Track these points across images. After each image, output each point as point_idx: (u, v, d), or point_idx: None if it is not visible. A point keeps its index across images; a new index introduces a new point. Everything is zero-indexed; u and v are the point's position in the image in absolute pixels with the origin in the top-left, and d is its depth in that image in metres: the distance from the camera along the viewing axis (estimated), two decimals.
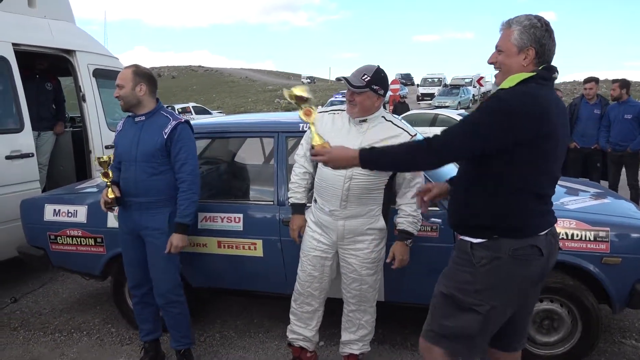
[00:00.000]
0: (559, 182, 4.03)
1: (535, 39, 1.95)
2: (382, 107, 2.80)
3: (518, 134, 1.87)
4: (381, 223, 2.79)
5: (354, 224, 2.75)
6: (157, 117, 2.93)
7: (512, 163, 1.93)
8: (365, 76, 2.65)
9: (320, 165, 2.75)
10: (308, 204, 2.98)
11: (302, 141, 2.98)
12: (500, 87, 2.01)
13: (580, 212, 3.05)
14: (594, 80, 6.63)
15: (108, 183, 2.90)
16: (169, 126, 2.88)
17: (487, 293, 1.99)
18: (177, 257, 3.01)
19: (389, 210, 2.84)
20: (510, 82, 1.96)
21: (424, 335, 2.15)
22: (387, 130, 2.72)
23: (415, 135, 2.76)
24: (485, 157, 1.95)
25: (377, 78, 2.66)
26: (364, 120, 2.73)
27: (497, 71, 2.06)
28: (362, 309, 2.92)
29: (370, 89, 2.65)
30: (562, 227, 2.89)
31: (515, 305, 2.06)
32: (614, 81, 6.49)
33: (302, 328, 3.00)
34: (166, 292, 2.98)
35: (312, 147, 2.31)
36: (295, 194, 2.96)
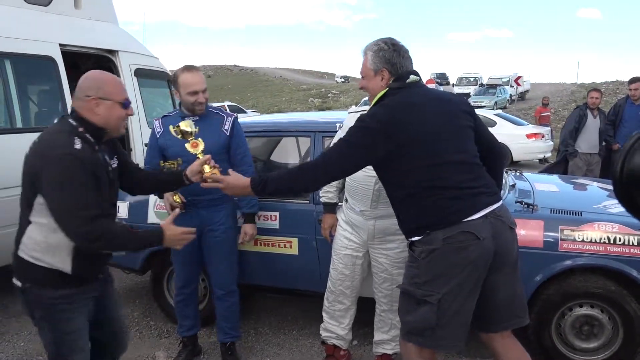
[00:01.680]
0: (601, 185, 3.97)
1: (385, 60, 2.22)
2: None
3: (383, 145, 2.08)
4: None
5: (385, 223, 2.76)
6: (209, 115, 2.97)
7: (399, 169, 2.12)
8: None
9: None
10: (340, 203, 3.00)
11: (336, 138, 2.98)
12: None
13: (623, 216, 2.96)
14: None
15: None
16: (228, 123, 2.98)
17: (433, 283, 2.09)
18: (237, 250, 3.13)
19: None
20: (374, 102, 2.23)
21: (400, 334, 2.27)
22: None
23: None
24: (380, 170, 2.22)
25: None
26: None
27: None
28: (394, 309, 2.91)
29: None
30: (605, 231, 2.83)
31: (468, 289, 2.09)
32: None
33: (335, 326, 3.02)
34: (228, 283, 3.09)
35: (203, 174, 2.38)
36: (327, 193, 3.00)
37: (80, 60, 5.53)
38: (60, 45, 4.61)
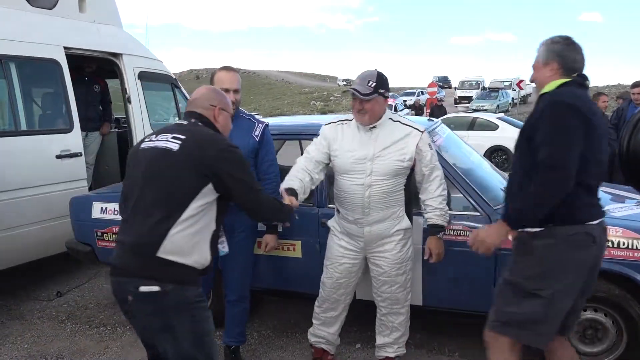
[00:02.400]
0: (605, 189, 3.96)
1: (556, 53, 2.24)
2: (387, 108, 2.81)
3: (583, 130, 2.06)
4: (406, 222, 2.83)
5: (380, 228, 2.77)
6: (240, 119, 2.96)
7: None
8: (371, 82, 2.65)
9: (337, 176, 2.80)
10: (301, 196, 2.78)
11: (314, 146, 2.90)
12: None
13: (627, 220, 2.96)
14: None
15: None
16: (258, 128, 2.97)
17: (546, 277, 2.11)
18: (253, 255, 3.14)
19: (412, 209, 2.87)
20: (544, 90, 2.24)
21: (489, 327, 2.26)
22: (397, 131, 2.75)
23: (424, 131, 2.79)
24: (532, 155, 2.11)
25: (381, 82, 2.68)
26: (374, 126, 2.74)
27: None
28: (394, 312, 2.93)
29: (378, 93, 2.66)
30: (609, 234, 2.81)
31: (577, 289, 2.16)
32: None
33: (325, 332, 3.04)
34: (242, 289, 3.08)
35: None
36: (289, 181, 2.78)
37: (86, 63, 5.56)
38: (65, 48, 4.63)
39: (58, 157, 4.40)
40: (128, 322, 3.80)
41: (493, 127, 12.65)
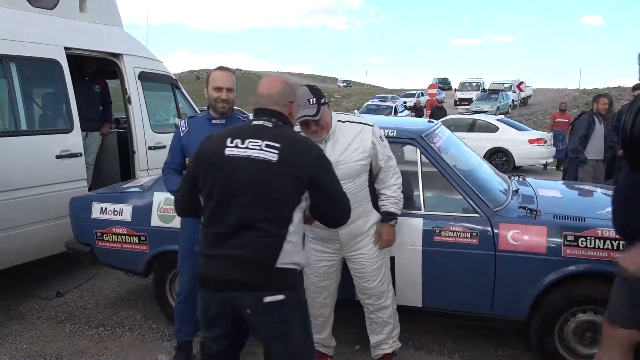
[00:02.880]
0: (604, 191, 3.97)
1: None
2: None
3: None
4: (376, 216, 2.88)
5: (354, 228, 2.79)
6: (236, 121, 2.96)
7: None
8: (311, 99, 2.64)
9: None
10: None
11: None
12: None
13: None
14: None
15: None
16: None
17: None
18: None
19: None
20: None
21: (612, 318, 2.26)
22: (349, 132, 2.78)
23: (373, 124, 2.80)
24: None
25: (317, 94, 2.67)
26: (327, 139, 2.75)
27: None
28: (381, 306, 2.95)
29: (320, 106, 2.65)
30: (608, 236, 2.83)
31: None
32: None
33: (318, 337, 3.03)
34: None
35: None
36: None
37: (87, 63, 5.56)
38: (65, 48, 4.63)
39: (58, 157, 4.40)
40: (127, 322, 3.83)
41: (493, 128, 12.65)
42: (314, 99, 2.63)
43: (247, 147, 1.98)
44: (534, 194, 3.51)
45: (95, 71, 5.76)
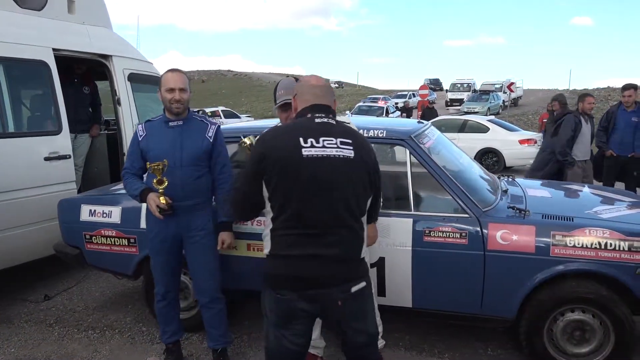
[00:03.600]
0: (594, 191, 3.99)
1: None
2: None
3: None
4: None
5: None
6: (193, 121, 3.02)
7: None
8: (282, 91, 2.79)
9: None
10: None
11: None
12: None
13: (614, 222, 2.99)
14: (633, 87, 6.47)
15: (161, 190, 2.87)
16: (212, 130, 3.01)
17: None
18: (219, 256, 3.14)
19: None
20: None
21: None
22: None
23: (349, 123, 2.74)
24: None
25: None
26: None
27: None
28: None
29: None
30: (596, 236, 2.85)
31: None
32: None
33: None
34: (212, 290, 3.08)
35: None
36: None
37: (76, 65, 5.52)
38: (54, 49, 4.60)
39: (46, 159, 4.37)
40: (116, 325, 3.80)
41: (484, 129, 12.69)
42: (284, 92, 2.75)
43: (324, 146, 1.97)
44: (523, 194, 3.53)
45: (84, 73, 5.72)
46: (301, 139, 1.97)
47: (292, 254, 2.00)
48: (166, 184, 2.86)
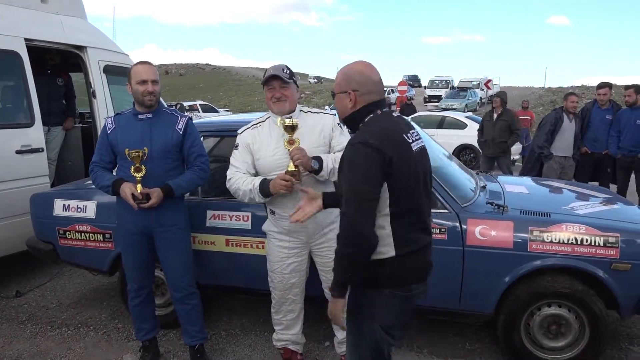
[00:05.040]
0: (569, 187, 4.05)
1: None
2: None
3: None
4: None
5: (320, 217, 2.68)
6: (162, 114, 2.97)
7: None
8: (286, 70, 2.73)
9: (264, 177, 2.72)
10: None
11: (240, 159, 2.81)
12: None
13: (590, 217, 3.03)
14: (608, 85, 6.58)
15: (139, 178, 2.80)
16: (182, 122, 2.96)
17: None
18: (192, 250, 3.10)
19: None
20: None
21: None
22: (310, 120, 2.78)
23: (334, 115, 2.77)
24: None
25: (292, 72, 2.78)
26: (288, 119, 2.69)
27: None
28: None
29: (293, 81, 2.76)
30: (572, 232, 2.88)
31: None
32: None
33: (288, 334, 3.03)
34: (185, 285, 3.03)
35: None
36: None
37: (49, 56, 5.38)
38: (26, 39, 4.48)
39: (18, 152, 4.25)
40: (91, 321, 3.72)
41: (462, 125, 12.83)
42: (289, 71, 2.74)
43: (414, 140, 2.01)
44: (501, 190, 3.56)
45: (58, 64, 5.58)
46: (404, 135, 1.97)
47: (417, 248, 2.00)
48: (144, 171, 2.80)
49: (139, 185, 2.80)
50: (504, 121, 7.68)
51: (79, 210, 3.59)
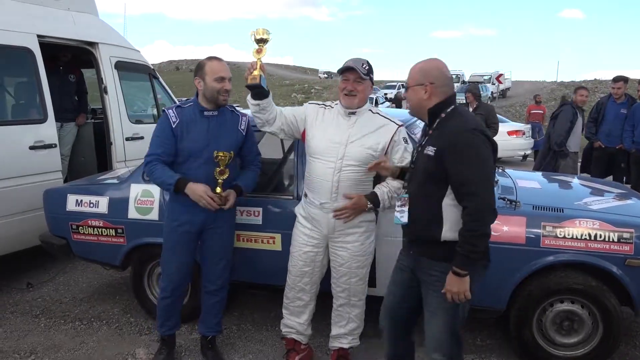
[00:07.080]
0: (583, 182, 4.00)
1: None
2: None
3: None
4: (371, 215, 2.83)
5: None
6: (226, 112, 2.93)
7: None
8: (365, 65, 2.69)
9: (309, 159, 2.80)
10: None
11: (291, 109, 2.92)
12: None
13: (604, 213, 3.00)
14: (623, 79, 6.50)
15: (220, 181, 2.80)
16: (243, 122, 2.96)
17: None
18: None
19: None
20: None
21: None
22: (374, 122, 2.76)
23: (402, 125, 2.78)
24: None
25: (371, 68, 2.73)
26: (353, 113, 2.73)
27: None
28: (351, 303, 2.93)
29: (369, 78, 2.71)
30: (586, 227, 2.86)
31: None
32: None
33: (295, 322, 3.03)
34: (223, 279, 3.08)
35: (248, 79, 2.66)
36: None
37: (61, 52, 5.41)
38: (38, 36, 4.50)
39: (32, 148, 4.29)
40: (104, 316, 3.76)
41: None
42: (368, 67, 2.70)
43: None
44: (513, 185, 3.53)
45: (70, 60, 5.61)
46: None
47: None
48: (227, 174, 2.81)
49: (218, 188, 2.80)
50: (480, 115, 7.37)
51: (91, 205, 3.62)
